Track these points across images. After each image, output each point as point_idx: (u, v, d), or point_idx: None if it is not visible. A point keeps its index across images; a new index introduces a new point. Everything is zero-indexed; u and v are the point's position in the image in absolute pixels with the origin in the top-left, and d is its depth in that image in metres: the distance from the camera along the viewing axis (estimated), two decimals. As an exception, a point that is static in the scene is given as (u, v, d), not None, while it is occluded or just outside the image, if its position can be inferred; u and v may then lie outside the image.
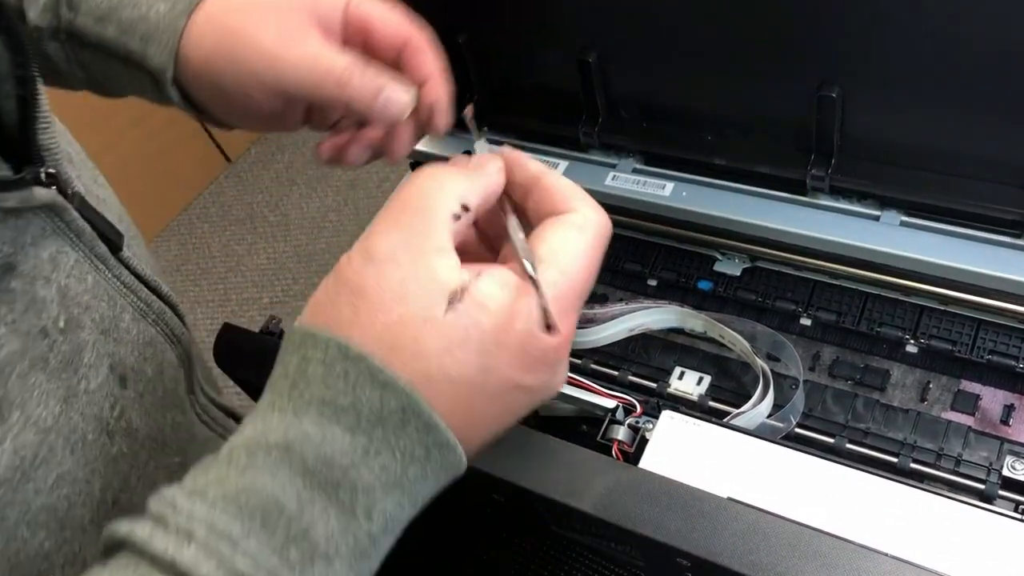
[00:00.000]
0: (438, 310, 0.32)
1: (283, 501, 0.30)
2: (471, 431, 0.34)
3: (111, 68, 0.46)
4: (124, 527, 0.30)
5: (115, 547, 0.30)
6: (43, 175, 0.38)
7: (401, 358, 0.32)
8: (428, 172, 0.36)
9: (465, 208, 0.35)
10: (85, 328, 0.41)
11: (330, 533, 0.30)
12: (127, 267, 0.45)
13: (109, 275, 0.44)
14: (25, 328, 0.37)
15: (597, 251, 0.37)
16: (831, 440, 0.53)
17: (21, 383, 0.36)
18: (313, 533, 0.30)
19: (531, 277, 0.34)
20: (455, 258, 0.34)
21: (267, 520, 0.30)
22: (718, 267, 0.64)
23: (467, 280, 0.33)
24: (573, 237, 0.36)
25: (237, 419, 0.57)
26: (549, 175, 0.38)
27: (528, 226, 0.37)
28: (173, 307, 0.49)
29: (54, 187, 0.39)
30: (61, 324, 0.39)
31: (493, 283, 0.33)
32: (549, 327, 0.34)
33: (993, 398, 0.54)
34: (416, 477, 0.32)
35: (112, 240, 0.44)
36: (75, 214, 0.41)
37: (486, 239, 0.41)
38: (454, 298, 0.32)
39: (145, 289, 0.46)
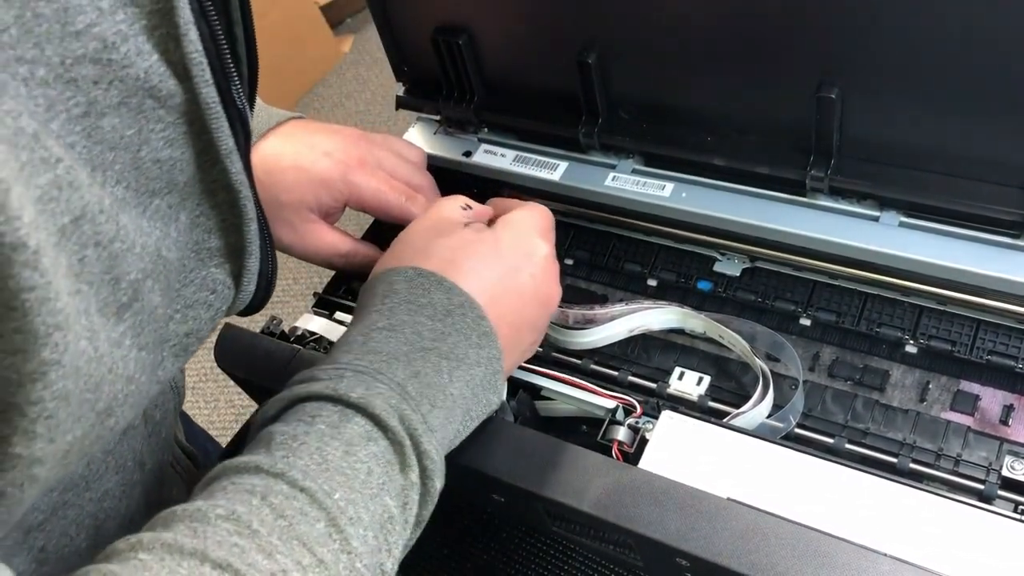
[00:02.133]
0: (460, 235, 0.49)
1: (397, 356, 0.43)
2: (507, 320, 0.48)
3: None
4: (301, 389, 0.41)
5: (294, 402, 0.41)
6: None
7: (452, 271, 0.47)
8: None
9: (469, 207, 0.54)
10: None
11: (430, 382, 0.43)
12: None
13: None
14: None
15: (544, 214, 0.55)
16: (830, 440, 0.53)
17: (136, 413, 0.40)
18: (421, 379, 0.42)
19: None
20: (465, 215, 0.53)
21: (391, 367, 0.42)
22: (718, 267, 0.64)
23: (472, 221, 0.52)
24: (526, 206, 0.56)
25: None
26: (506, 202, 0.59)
27: None
28: None
29: None
30: None
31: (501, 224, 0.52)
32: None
33: (992, 398, 0.54)
34: (474, 359, 0.45)
35: None
36: None
37: None
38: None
39: None
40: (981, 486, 0.49)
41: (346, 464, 0.38)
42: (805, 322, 0.60)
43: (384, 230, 0.67)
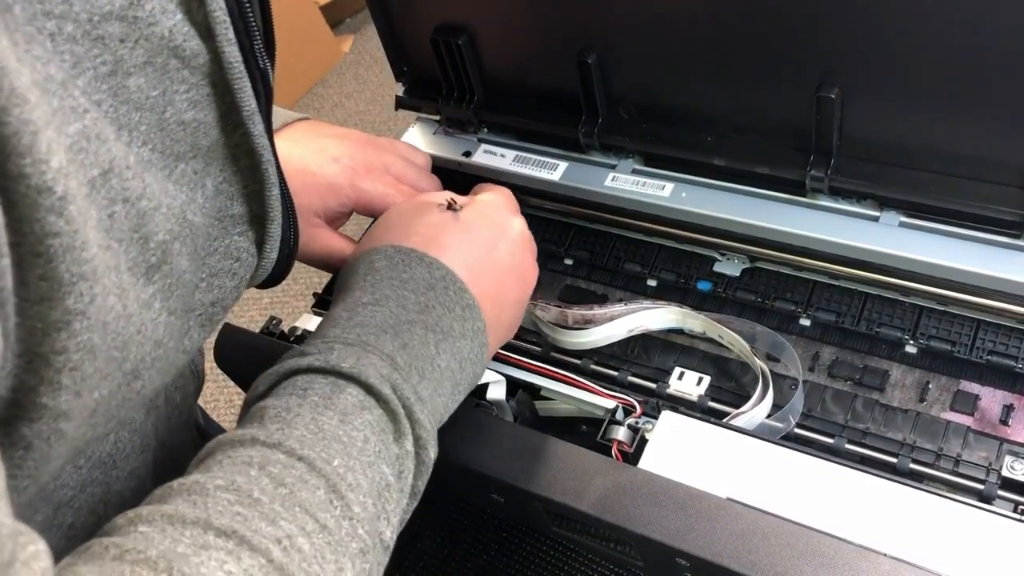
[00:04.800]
0: (439, 215, 0.50)
1: (384, 329, 0.43)
2: (487, 295, 0.48)
3: None
4: (291, 363, 0.41)
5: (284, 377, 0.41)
6: None
7: (431, 247, 0.47)
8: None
9: (455, 201, 0.53)
10: None
11: (417, 354, 0.43)
12: None
13: None
14: None
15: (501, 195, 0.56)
16: (830, 440, 0.53)
17: (166, 381, 0.41)
18: (409, 351, 0.43)
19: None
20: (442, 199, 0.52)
21: (379, 339, 0.42)
22: (717, 268, 0.64)
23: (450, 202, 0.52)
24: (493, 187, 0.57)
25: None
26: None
27: None
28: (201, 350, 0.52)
29: None
30: None
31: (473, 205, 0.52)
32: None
33: (992, 398, 0.54)
34: (459, 332, 0.45)
35: None
36: None
37: None
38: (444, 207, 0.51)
39: None
40: (981, 486, 0.49)
41: (342, 432, 0.38)
42: (805, 322, 0.60)
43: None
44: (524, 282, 0.52)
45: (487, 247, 0.49)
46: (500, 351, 0.57)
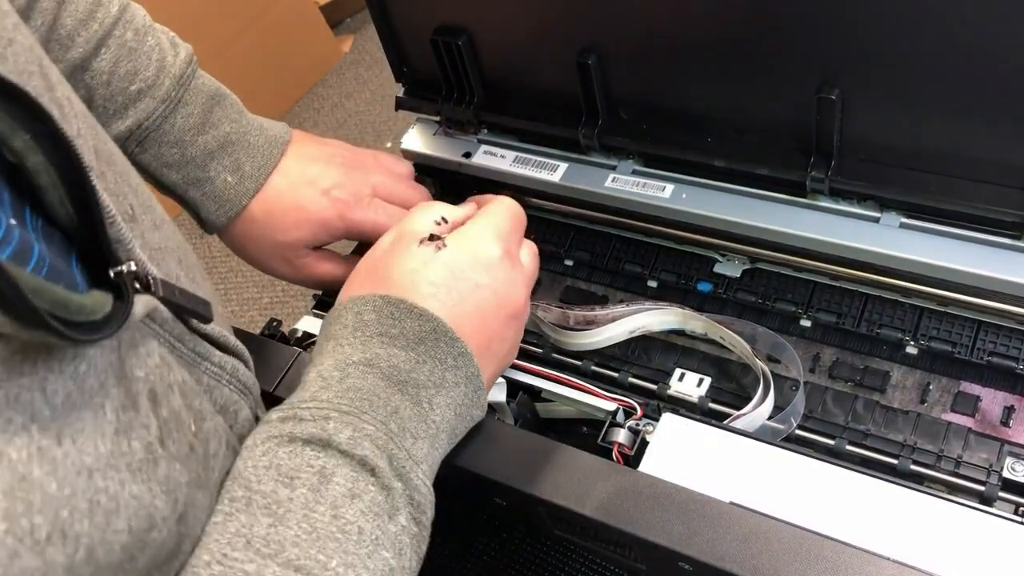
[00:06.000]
0: (420, 255, 0.48)
1: (377, 393, 0.42)
2: (475, 336, 0.47)
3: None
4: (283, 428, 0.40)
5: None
6: (127, 281, 0.34)
7: (414, 294, 0.46)
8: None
9: (444, 220, 0.52)
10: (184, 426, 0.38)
11: (409, 416, 0.43)
12: (203, 336, 0.42)
13: (186, 351, 0.40)
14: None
15: (505, 213, 0.53)
16: (831, 442, 0.53)
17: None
18: (400, 414, 0.42)
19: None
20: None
21: (372, 405, 0.42)
22: (718, 269, 0.64)
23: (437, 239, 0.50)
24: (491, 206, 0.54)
25: None
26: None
27: None
28: (240, 355, 0.46)
29: (138, 285, 0.35)
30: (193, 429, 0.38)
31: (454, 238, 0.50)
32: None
33: (993, 400, 0.54)
34: (452, 381, 0.45)
35: (200, 314, 0.41)
36: (161, 307, 0.38)
37: None
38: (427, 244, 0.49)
39: (218, 353, 0.43)
40: (982, 488, 0.49)
41: (335, 528, 0.37)
42: (806, 323, 0.60)
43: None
44: (512, 317, 0.50)
45: (469, 288, 0.47)
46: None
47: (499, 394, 0.54)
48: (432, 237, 0.49)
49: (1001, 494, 0.49)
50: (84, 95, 0.56)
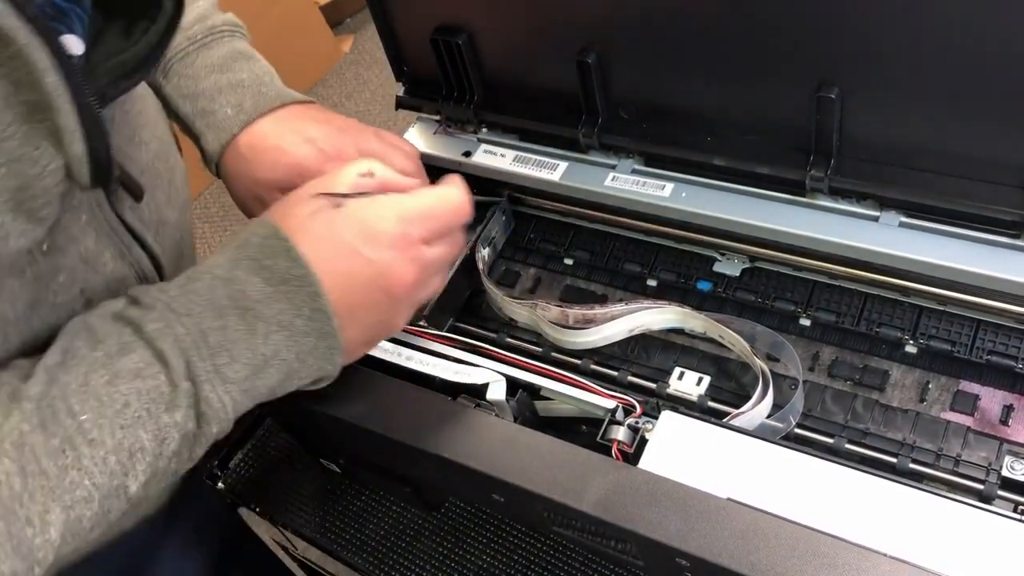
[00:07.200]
0: (322, 202, 0.49)
1: (212, 306, 0.45)
2: (338, 297, 0.48)
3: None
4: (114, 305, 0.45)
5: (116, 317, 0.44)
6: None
7: (299, 235, 0.47)
8: None
9: (372, 174, 0.52)
10: (68, 255, 0.48)
11: (236, 338, 0.45)
12: (118, 216, 0.52)
13: (101, 218, 0.50)
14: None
15: (433, 201, 0.52)
16: (830, 440, 0.53)
17: None
18: (227, 333, 0.45)
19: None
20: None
21: (199, 312, 0.44)
22: (717, 267, 0.64)
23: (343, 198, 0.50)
24: (427, 191, 0.54)
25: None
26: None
27: None
28: (154, 259, 0.55)
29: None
30: (44, 248, 0.45)
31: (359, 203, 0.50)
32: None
33: (992, 398, 0.54)
34: (302, 330, 0.47)
35: (132, 191, 0.51)
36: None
37: None
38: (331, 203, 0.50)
39: (128, 235, 0.53)
40: (981, 486, 0.49)
41: (104, 392, 0.41)
42: (805, 322, 0.60)
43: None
44: (387, 292, 0.49)
45: (347, 251, 0.48)
46: (500, 352, 0.57)
47: (499, 392, 0.54)
48: (341, 195, 0.50)
49: (1000, 492, 0.49)
50: None
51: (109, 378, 0.41)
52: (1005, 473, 0.50)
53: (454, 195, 0.53)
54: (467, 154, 0.70)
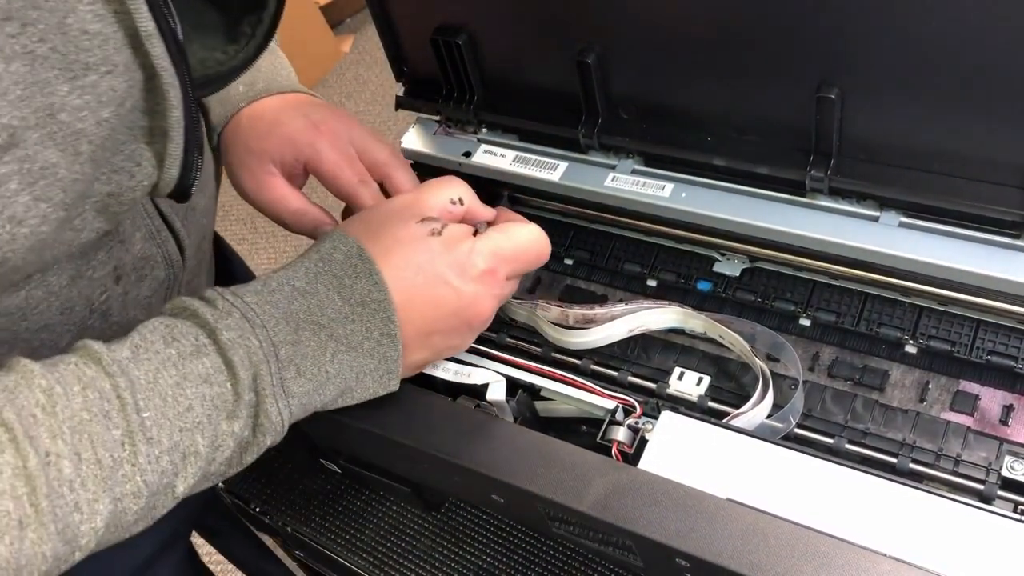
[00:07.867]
0: (413, 229, 0.50)
1: (288, 320, 0.45)
2: (417, 323, 0.49)
3: None
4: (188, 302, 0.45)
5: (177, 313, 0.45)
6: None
7: (383, 260, 0.48)
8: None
9: (461, 201, 0.54)
10: (109, 235, 0.51)
11: (307, 354, 0.45)
12: (153, 201, 0.55)
13: (139, 203, 0.52)
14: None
15: (525, 244, 0.54)
16: (830, 440, 0.53)
17: (47, 257, 0.45)
18: (299, 349, 0.45)
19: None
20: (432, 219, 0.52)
21: (274, 325, 0.45)
22: (717, 268, 0.64)
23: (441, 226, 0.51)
24: (518, 230, 0.55)
25: None
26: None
27: None
28: (179, 242, 0.58)
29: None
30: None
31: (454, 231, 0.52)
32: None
33: (992, 398, 0.54)
34: (368, 352, 0.47)
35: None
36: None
37: None
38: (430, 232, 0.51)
39: (160, 219, 0.56)
40: (981, 486, 0.49)
41: (171, 393, 0.41)
42: (805, 322, 0.60)
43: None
44: (467, 323, 0.51)
45: (435, 279, 0.49)
46: (500, 352, 0.58)
47: (499, 392, 0.54)
48: (436, 221, 0.51)
49: (1000, 492, 0.49)
50: None
51: (178, 379, 0.42)
52: (1005, 473, 0.50)
53: (542, 240, 0.55)
54: (467, 154, 0.70)
